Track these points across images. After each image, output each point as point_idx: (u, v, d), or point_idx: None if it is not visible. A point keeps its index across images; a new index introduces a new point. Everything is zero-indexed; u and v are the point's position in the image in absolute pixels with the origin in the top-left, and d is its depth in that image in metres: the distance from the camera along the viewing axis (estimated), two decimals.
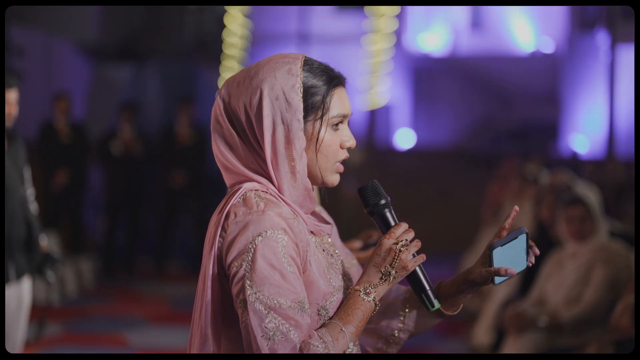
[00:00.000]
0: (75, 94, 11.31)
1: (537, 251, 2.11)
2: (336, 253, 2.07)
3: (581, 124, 16.59)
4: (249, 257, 1.83)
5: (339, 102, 1.97)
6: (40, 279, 4.46)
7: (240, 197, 1.90)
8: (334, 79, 1.98)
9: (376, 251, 1.94)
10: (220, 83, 14.88)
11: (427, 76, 18.09)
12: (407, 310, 2.15)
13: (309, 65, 1.96)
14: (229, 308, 1.90)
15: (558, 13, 17.95)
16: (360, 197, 1.99)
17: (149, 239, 10.24)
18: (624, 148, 15.22)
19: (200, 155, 10.04)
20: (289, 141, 1.91)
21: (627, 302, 4.29)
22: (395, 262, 1.92)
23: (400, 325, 2.17)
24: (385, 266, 1.93)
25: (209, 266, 1.90)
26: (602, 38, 16.44)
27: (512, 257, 2.06)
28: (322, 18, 16.91)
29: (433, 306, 1.99)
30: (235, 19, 15.50)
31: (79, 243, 9.17)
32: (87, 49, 14.46)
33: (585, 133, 16.44)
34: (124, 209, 9.93)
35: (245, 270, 1.83)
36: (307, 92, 1.93)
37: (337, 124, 1.98)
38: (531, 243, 2.08)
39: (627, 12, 15.91)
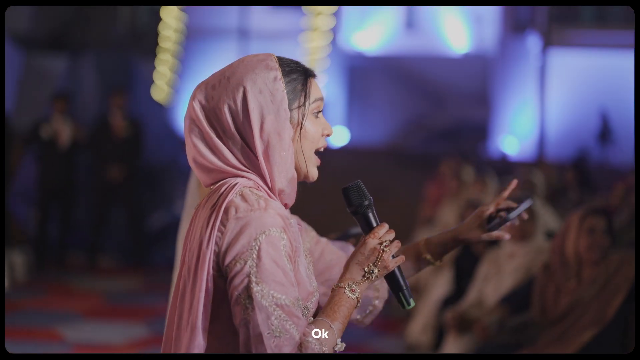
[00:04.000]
0: (5, 84, 11.09)
1: (525, 216, 2.35)
2: (308, 255, 2.11)
3: (511, 125, 16.86)
4: (254, 255, 1.85)
5: (315, 90, 2.04)
6: None
7: (236, 193, 1.92)
8: (308, 70, 2.06)
9: (360, 250, 2.00)
10: (156, 76, 14.76)
11: (361, 75, 18.20)
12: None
13: (281, 60, 2.03)
14: (216, 303, 1.91)
15: (491, 16, 18.20)
16: (344, 197, 2.04)
17: (82, 232, 10.11)
18: (554, 151, 15.52)
19: (135, 148, 9.94)
20: (277, 132, 1.95)
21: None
22: (379, 261, 1.99)
23: (376, 294, 2.32)
24: (368, 265, 1.99)
25: (204, 261, 1.89)
26: (533, 41, 16.73)
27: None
28: (261, 14, 16.87)
29: (409, 305, 2.06)
30: (171, 12, 15.38)
31: (9, 235, 9.01)
32: (18, 38, 14.19)
33: (515, 135, 16.71)
34: (56, 201, 9.78)
35: (250, 267, 1.85)
36: (287, 83, 1.99)
37: (317, 112, 2.05)
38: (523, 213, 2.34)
39: (560, 16, 16.22)
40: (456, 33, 18.52)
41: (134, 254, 10.07)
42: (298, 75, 2.01)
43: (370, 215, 2.04)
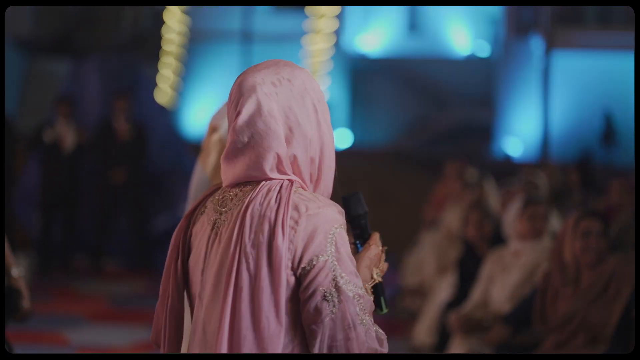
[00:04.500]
0: (7, 87, 11.11)
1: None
2: None
3: (515, 127, 16.84)
4: (332, 249, 1.89)
5: None
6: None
7: (296, 192, 1.94)
8: None
9: (366, 255, 2.07)
10: (159, 79, 14.76)
11: (364, 77, 18.18)
12: None
13: None
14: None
15: (494, 17, 18.18)
16: (345, 205, 2.11)
17: (86, 236, 10.10)
18: (558, 152, 15.50)
19: (139, 151, 9.93)
20: (333, 140, 2.04)
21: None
22: (380, 265, 2.09)
23: None
24: (374, 269, 2.08)
25: (281, 258, 1.87)
26: (536, 43, 16.72)
27: None
28: (263, 17, 16.87)
29: (387, 308, 2.15)
30: (174, 15, 15.39)
31: (13, 239, 8.99)
32: (21, 41, 14.21)
33: (518, 136, 16.69)
34: (60, 205, 9.77)
35: (332, 262, 1.89)
36: None
37: None
38: None
39: (563, 18, 16.20)
40: (459, 35, 18.51)
41: (138, 257, 10.06)
42: None
43: (365, 224, 2.15)
